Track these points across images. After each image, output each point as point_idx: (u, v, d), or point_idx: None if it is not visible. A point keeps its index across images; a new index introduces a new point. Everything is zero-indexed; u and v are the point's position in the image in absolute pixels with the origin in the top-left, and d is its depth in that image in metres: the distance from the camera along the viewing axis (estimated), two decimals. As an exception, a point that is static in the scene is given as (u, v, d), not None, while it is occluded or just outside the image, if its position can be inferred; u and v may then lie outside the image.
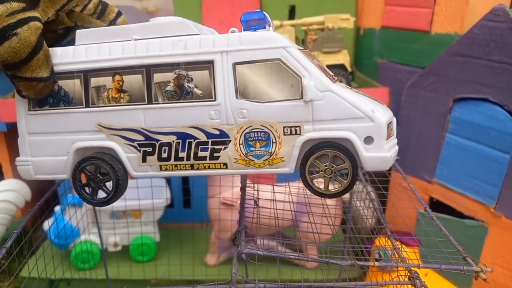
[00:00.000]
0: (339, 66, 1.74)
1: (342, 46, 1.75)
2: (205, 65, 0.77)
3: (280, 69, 0.76)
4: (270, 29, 0.79)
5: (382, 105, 0.84)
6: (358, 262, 0.80)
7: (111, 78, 0.80)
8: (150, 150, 0.81)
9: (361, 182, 1.26)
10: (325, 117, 0.76)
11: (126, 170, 0.84)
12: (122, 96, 0.80)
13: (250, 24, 0.78)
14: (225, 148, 0.79)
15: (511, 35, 1.28)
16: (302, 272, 1.63)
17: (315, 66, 0.77)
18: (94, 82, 0.81)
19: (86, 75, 0.80)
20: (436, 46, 1.72)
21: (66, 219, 1.58)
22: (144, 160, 0.82)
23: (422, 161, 1.64)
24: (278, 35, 0.76)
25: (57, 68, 0.81)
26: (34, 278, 1.40)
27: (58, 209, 1.63)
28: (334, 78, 0.82)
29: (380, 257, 1.39)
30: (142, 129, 0.81)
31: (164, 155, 0.81)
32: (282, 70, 0.76)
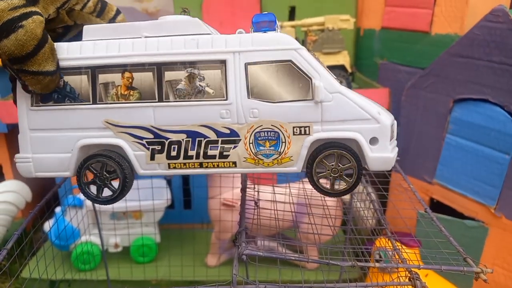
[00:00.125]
0: (339, 67, 1.75)
1: (342, 47, 1.76)
2: (217, 64, 0.78)
3: (291, 70, 0.77)
4: (278, 31, 0.80)
5: (383, 108, 0.85)
6: (359, 263, 0.80)
7: (121, 75, 0.79)
8: (159, 148, 0.81)
9: (361, 183, 1.26)
10: (333, 118, 0.78)
11: (132, 168, 0.84)
12: (131, 93, 0.79)
13: (260, 25, 0.78)
14: (235, 147, 0.80)
15: (511, 36, 1.29)
16: (302, 273, 1.63)
17: (324, 68, 0.79)
18: (102, 78, 0.80)
19: (94, 71, 0.80)
20: (436, 47, 1.72)
21: (66, 220, 1.58)
22: (152, 158, 0.82)
23: (422, 161, 1.64)
24: (289, 37, 0.78)
25: (63, 63, 0.80)
26: (35, 279, 1.40)
27: (58, 210, 1.63)
28: (338, 80, 0.83)
29: (380, 258, 1.39)
30: (152, 127, 0.80)
31: (173, 153, 0.81)
32: (293, 71, 0.77)
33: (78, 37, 0.93)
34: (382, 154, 0.79)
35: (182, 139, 0.80)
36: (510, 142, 1.33)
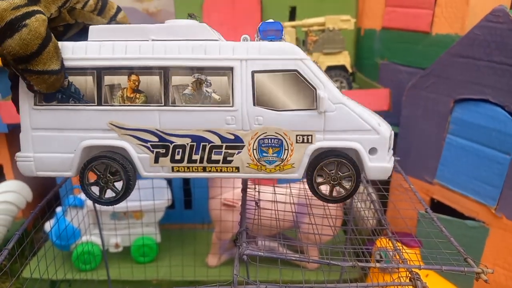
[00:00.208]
0: (340, 67, 1.75)
1: (343, 47, 1.76)
2: (224, 71, 0.78)
3: (296, 79, 0.78)
4: (284, 40, 0.80)
5: (382, 119, 0.87)
6: (359, 263, 0.80)
7: (127, 77, 0.79)
8: (163, 151, 0.81)
9: (362, 184, 1.26)
10: (335, 127, 0.80)
11: (136, 170, 0.84)
12: (137, 96, 0.79)
13: (267, 34, 0.79)
14: (238, 152, 0.81)
15: (512, 36, 1.29)
16: (303, 273, 1.63)
17: (329, 79, 0.80)
18: (108, 80, 0.79)
19: (99, 73, 0.79)
20: (436, 47, 1.72)
21: (67, 220, 1.58)
22: (156, 161, 0.82)
23: (423, 162, 1.64)
24: (296, 47, 0.79)
25: (68, 63, 0.79)
26: (35, 279, 1.41)
27: (59, 210, 1.63)
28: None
29: (381, 258, 1.39)
30: (157, 130, 0.80)
31: (177, 157, 0.81)
32: (298, 81, 0.78)
33: (79, 35, 0.93)
34: (380, 164, 0.82)
35: (187, 143, 0.81)
36: (511, 142, 1.33)
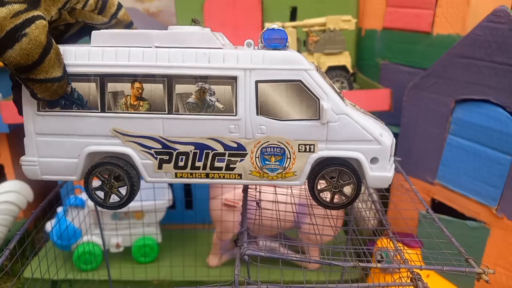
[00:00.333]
0: (341, 68, 1.75)
1: (344, 48, 1.76)
2: (228, 80, 0.78)
3: (300, 90, 0.78)
4: (288, 48, 0.80)
5: (382, 124, 0.87)
6: (360, 264, 0.80)
7: (130, 84, 0.79)
8: (167, 158, 0.82)
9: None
10: (338, 137, 0.80)
11: (140, 175, 0.84)
12: (141, 104, 0.79)
13: (271, 41, 0.79)
14: (241, 160, 0.81)
15: (513, 37, 1.29)
16: (304, 273, 1.63)
17: (332, 88, 0.80)
18: (111, 87, 0.79)
19: (102, 80, 0.79)
20: (437, 48, 1.72)
21: (68, 220, 1.59)
22: (160, 167, 0.82)
23: (424, 162, 1.64)
24: (300, 57, 0.79)
25: (71, 69, 0.78)
26: (37, 279, 1.41)
27: (60, 210, 1.63)
28: (341, 95, 0.85)
29: (382, 258, 1.39)
30: (160, 137, 0.81)
31: (180, 164, 0.82)
32: (302, 91, 0.78)
33: (80, 32, 0.92)
34: (381, 173, 0.83)
35: (190, 151, 0.81)
36: (512, 142, 1.33)
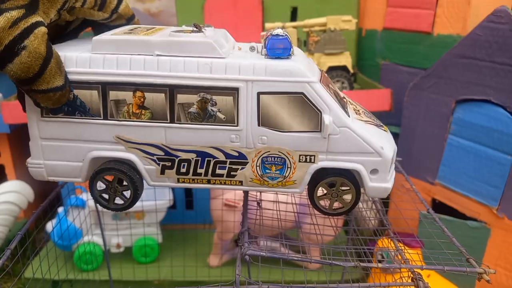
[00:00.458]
0: (341, 68, 1.75)
1: (344, 48, 1.76)
2: (230, 91, 0.78)
3: (302, 102, 0.78)
4: (292, 55, 0.80)
5: (384, 131, 0.87)
6: (361, 264, 0.81)
7: (132, 93, 0.78)
8: (169, 164, 0.82)
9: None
10: (339, 149, 0.80)
11: (143, 180, 0.85)
12: (143, 112, 0.79)
13: (274, 50, 0.79)
14: (242, 168, 0.82)
15: (514, 37, 1.29)
16: (305, 273, 1.63)
17: (334, 100, 0.80)
18: (113, 95, 0.79)
19: (104, 88, 0.78)
20: (438, 48, 1.72)
21: (69, 220, 1.59)
22: (162, 173, 0.83)
23: (424, 162, 1.64)
24: (303, 69, 0.78)
25: (72, 77, 0.78)
26: (37, 279, 1.41)
27: (61, 210, 1.63)
28: (344, 100, 0.85)
29: (383, 258, 1.39)
30: (163, 145, 0.81)
31: (182, 170, 0.82)
32: (304, 103, 0.78)
33: (80, 27, 0.92)
34: (380, 184, 0.83)
35: (192, 158, 0.82)
36: (513, 142, 1.33)
